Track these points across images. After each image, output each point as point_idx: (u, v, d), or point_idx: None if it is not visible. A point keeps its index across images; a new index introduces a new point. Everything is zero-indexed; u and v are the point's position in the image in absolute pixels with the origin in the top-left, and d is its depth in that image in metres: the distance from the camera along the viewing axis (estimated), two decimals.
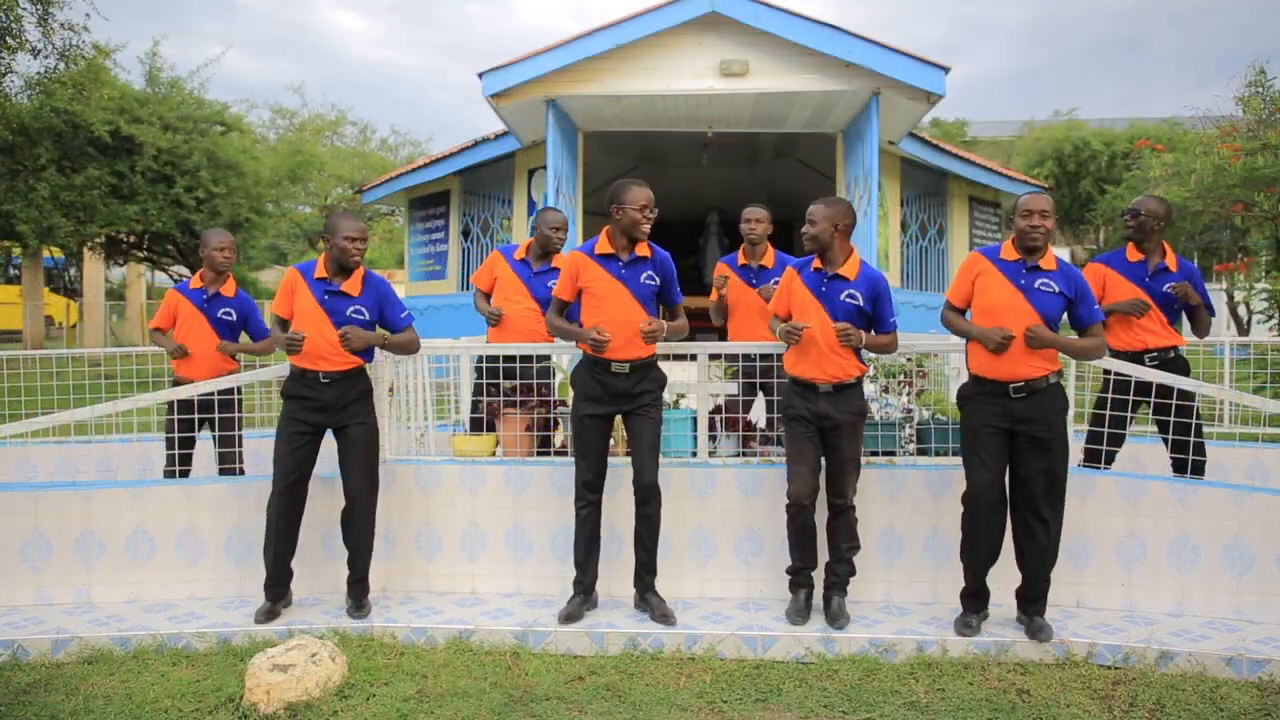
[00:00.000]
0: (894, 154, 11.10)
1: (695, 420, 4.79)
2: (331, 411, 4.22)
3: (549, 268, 5.29)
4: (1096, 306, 3.99)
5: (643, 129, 9.84)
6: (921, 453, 4.74)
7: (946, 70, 8.00)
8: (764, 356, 4.82)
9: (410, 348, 4.43)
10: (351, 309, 4.21)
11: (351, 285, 4.24)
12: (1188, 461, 4.71)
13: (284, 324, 4.31)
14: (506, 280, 5.31)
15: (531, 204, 11.24)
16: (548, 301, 5.15)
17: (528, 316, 5.20)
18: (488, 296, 5.42)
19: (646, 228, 4.14)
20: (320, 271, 4.24)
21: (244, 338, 5.50)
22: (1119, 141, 21.67)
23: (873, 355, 4.96)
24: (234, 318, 5.35)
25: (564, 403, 4.86)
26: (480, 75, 8.27)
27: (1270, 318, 9.98)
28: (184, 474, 5.19)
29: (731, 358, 5.04)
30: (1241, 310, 12.15)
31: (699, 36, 8.18)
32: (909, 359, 5.06)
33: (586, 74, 8.29)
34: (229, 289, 5.36)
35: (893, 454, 4.70)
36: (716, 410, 4.99)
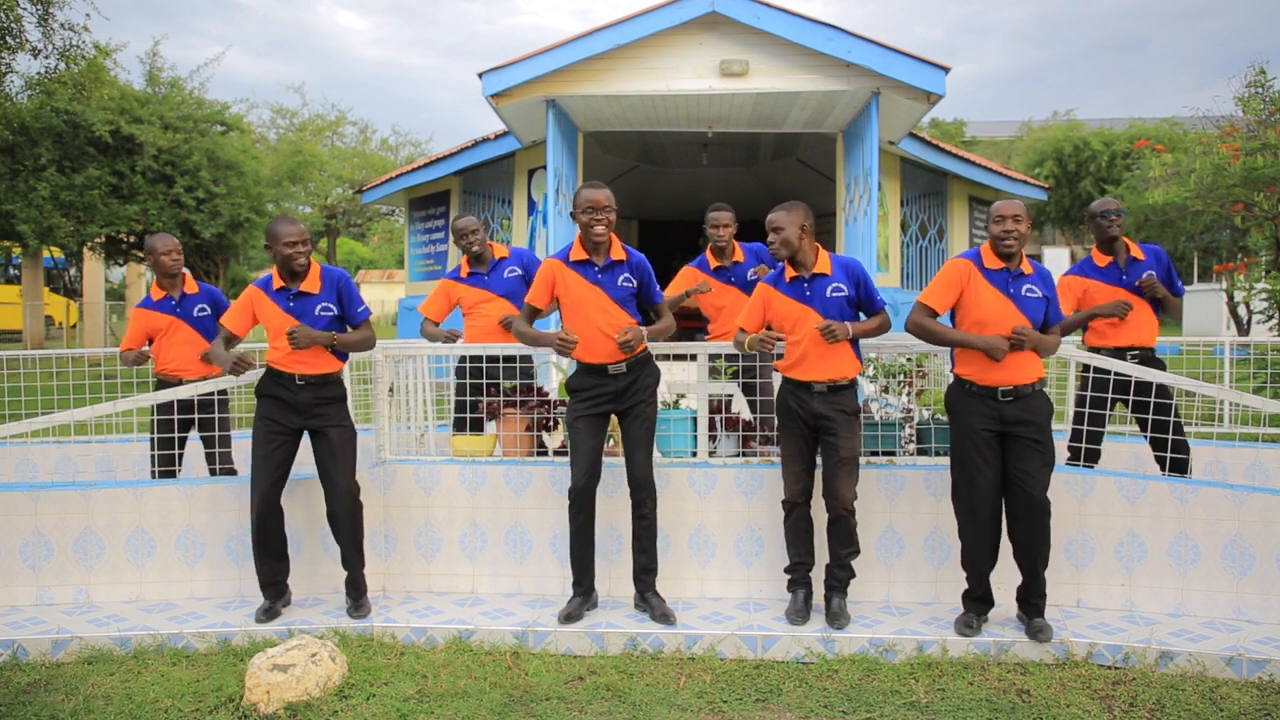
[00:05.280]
0: (894, 154, 11.10)
1: (695, 420, 4.79)
2: (305, 413, 4.21)
3: (497, 262, 5.35)
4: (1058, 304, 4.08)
5: (643, 129, 9.85)
6: (921, 453, 4.74)
7: (946, 70, 8.01)
8: (763, 356, 4.81)
9: (363, 346, 4.35)
10: (318, 307, 4.21)
11: (310, 284, 4.22)
12: (1181, 460, 4.73)
13: (231, 339, 4.28)
14: (471, 298, 5.35)
15: (531, 204, 11.25)
16: (511, 294, 5.18)
17: (499, 316, 5.24)
18: (438, 325, 5.42)
19: (599, 229, 4.09)
20: (278, 282, 4.22)
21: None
22: (1119, 141, 21.68)
23: (872, 355, 4.97)
24: (209, 311, 5.33)
25: (563, 403, 4.86)
26: (480, 75, 8.28)
27: (1270, 318, 9.97)
28: (169, 474, 5.15)
29: (732, 358, 5.04)
30: (1241, 310, 12.14)
31: (699, 36, 8.19)
32: (909, 359, 5.06)
33: (586, 74, 8.30)
34: (191, 287, 5.34)
35: (893, 454, 4.70)
36: (717, 410, 4.99)
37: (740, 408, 5.24)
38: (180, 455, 5.19)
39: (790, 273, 4.16)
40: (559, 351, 4.13)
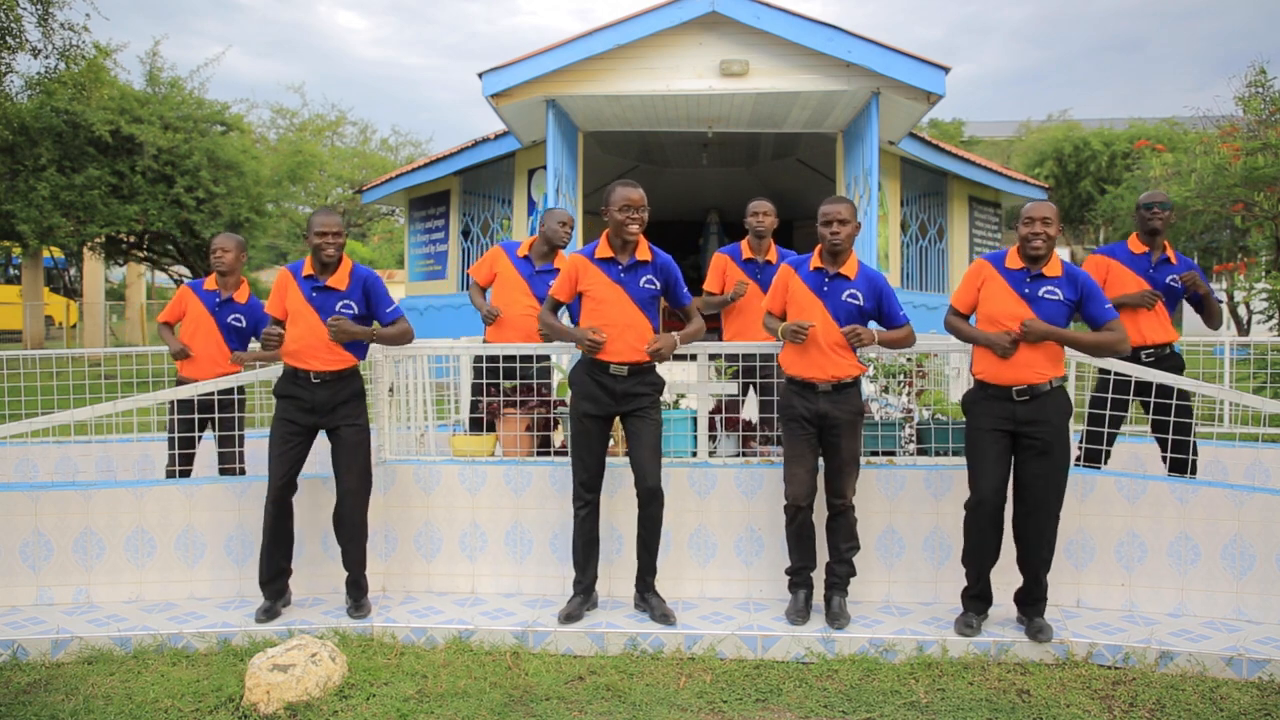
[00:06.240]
0: (894, 154, 11.10)
1: (695, 420, 4.79)
2: (322, 412, 4.22)
3: (550, 267, 5.30)
4: (1108, 304, 3.95)
5: (643, 129, 9.84)
6: (921, 453, 4.74)
7: (946, 70, 8.01)
8: (764, 356, 4.82)
9: (401, 339, 4.40)
10: (340, 304, 4.22)
11: (338, 280, 4.24)
12: (1183, 460, 4.72)
13: (279, 324, 4.31)
14: (508, 277, 5.31)
15: (531, 204, 11.25)
16: (543, 300, 5.16)
17: (528, 315, 5.20)
18: (485, 291, 5.40)
19: (634, 228, 4.10)
20: (308, 269, 4.25)
21: (253, 345, 5.49)
22: (1119, 141, 21.66)
23: (872, 355, 4.96)
24: (244, 324, 5.34)
25: (564, 402, 4.86)
26: (480, 75, 8.28)
27: (1270, 318, 9.98)
28: (185, 474, 5.18)
29: (732, 357, 5.04)
30: (1241, 310, 12.14)
31: (699, 36, 8.19)
32: (909, 359, 5.06)
33: (586, 74, 8.30)
34: (242, 295, 5.35)
35: (893, 454, 4.70)
36: (716, 410, 4.99)
37: (749, 408, 5.21)
38: (193, 455, 5.20)
39: (815, 263, 4.16)
40: (588, 350, 4.13)
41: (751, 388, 5.11)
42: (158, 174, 15.47)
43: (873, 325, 4.23)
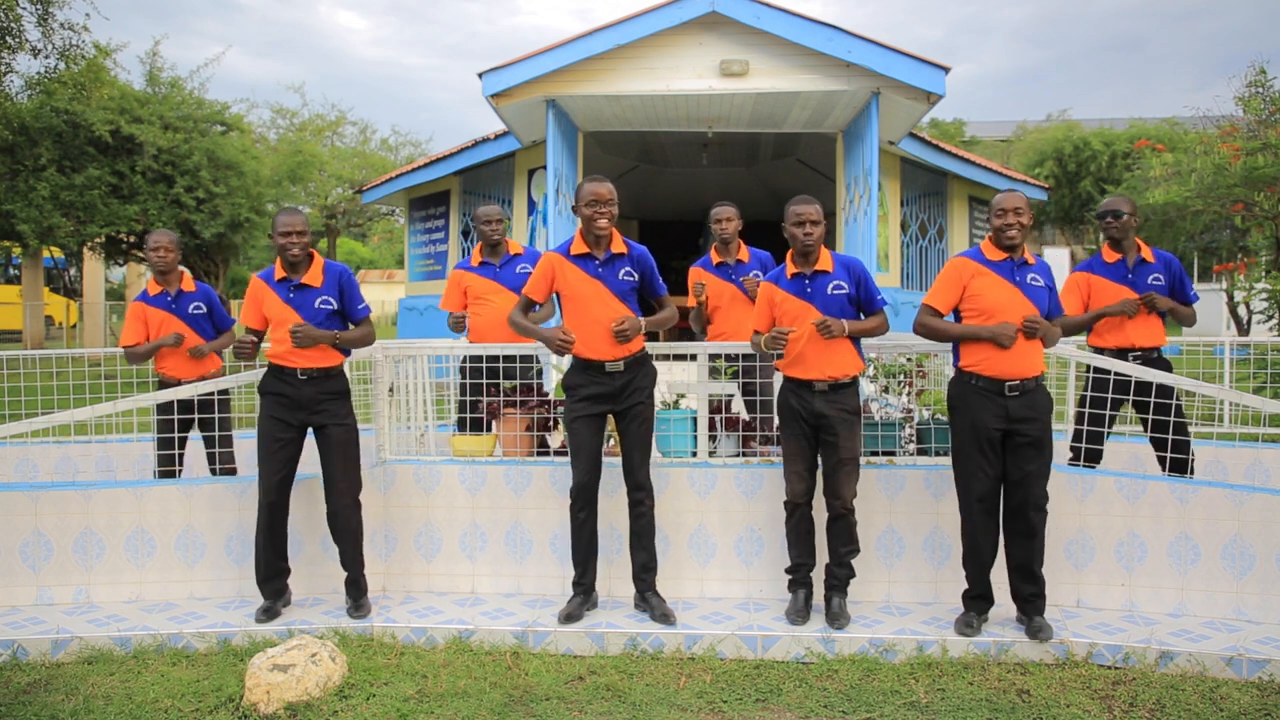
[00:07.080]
0: (894, 154, 11.10)
1: (695, 420, 4.79)
2: (308, 409, 4.21)
3: (510, 257, 5.34)
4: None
5: (643, 129, 9.84)
6: (921, 453, 4.74)
7: (946, 70, 8.01)
8: (764, 355, 4.81)
9: (363, 343, 4.39)
10: (318, 300, 4.22)
11: (312, 277, 4.24)
12: (1173, 459, 4.72)
13: (256, 335, 4.29)
14: (479, 287, 5.34)
15: (531, 204, 11.25)
16: (519, 290, 5.17)
17: (504, 308, 5.21)
18: (462, 318, 5.42)
19: (603, 223, 4.10)
20: (279, 273, 4.24)
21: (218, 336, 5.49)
22: (1119, 141, 21.65)
23: (872, 355, 4.96)
24: (204, 309, 5.35)
25: (562, 402, 4.86)
26: (480, 75, 8.27)
27: (1270, 318, 9.97)
28: (174, 474, 5.16)
29: (732, 358, 5.04)
30: (1241, 310, 12.14)
31: (699, 36, 8.18)
32: (909, 359, 5.06)
33: (586, 74, 8.29)
34: (188, 284, 5.36)
35: (893, 454, 4.69)
36: (716, 410, 4.99)
37: (739, 408, 5.24)
38: (181, 455, 5.19)
39: (792, 269, 4.16)
40: (556, 351, 4.13)
41: (739, 388, 5.12)
42: (158, 174, 15.47)
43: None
